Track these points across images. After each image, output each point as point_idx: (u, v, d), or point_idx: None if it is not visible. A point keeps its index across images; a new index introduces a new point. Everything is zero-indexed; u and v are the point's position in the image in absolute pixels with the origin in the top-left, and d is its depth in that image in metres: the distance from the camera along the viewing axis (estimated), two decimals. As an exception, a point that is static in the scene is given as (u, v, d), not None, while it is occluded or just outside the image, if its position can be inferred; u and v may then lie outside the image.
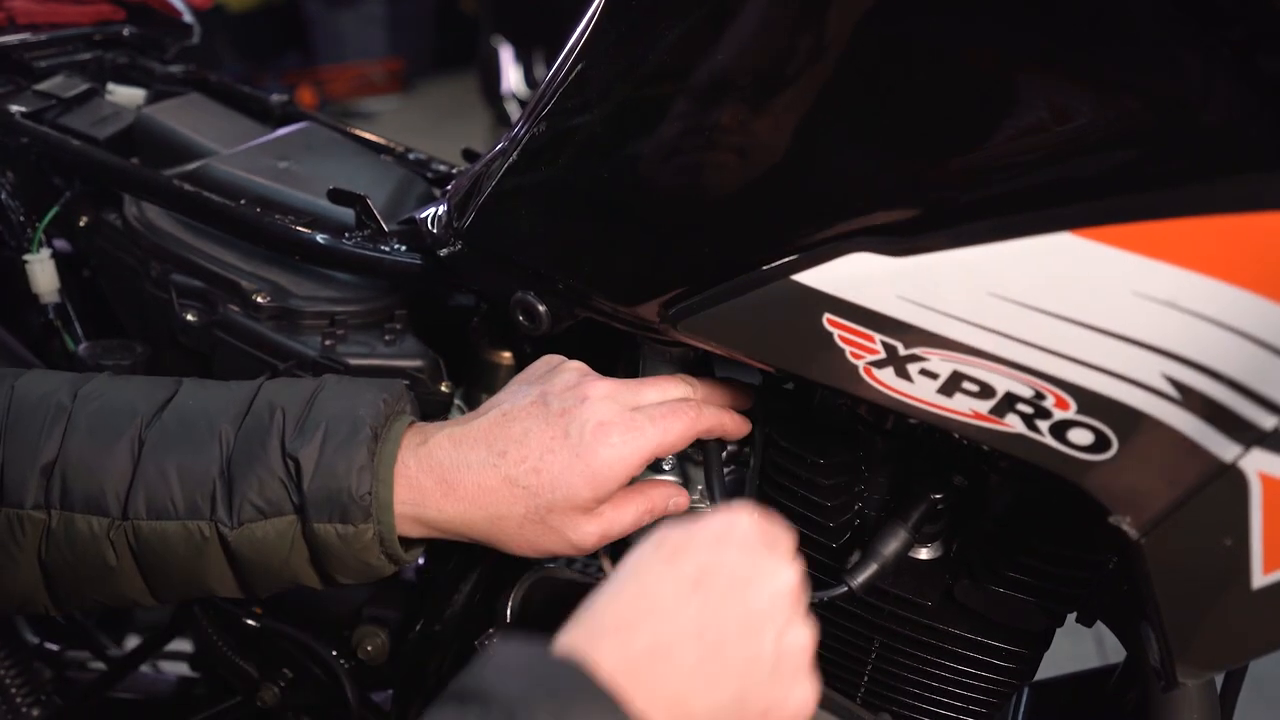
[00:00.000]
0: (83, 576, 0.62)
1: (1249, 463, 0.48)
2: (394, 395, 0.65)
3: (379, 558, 0.62)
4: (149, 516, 0.60)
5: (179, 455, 0.61)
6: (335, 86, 5.80)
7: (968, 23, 0.51)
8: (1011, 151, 0.50)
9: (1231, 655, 0.56)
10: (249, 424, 0.62)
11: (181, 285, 0.85)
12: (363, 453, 0.60)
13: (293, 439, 0.61)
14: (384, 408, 0.63)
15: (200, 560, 0.62)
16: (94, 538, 0.60)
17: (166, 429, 0.61)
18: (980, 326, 0.52)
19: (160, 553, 0.61)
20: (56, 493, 0.60)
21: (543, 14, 3.09)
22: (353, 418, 0.61)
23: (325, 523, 0.60)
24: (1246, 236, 0.46)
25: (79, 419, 0.61)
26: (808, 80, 0.54)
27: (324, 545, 0.61)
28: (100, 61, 1.13)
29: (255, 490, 0.60)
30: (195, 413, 0.62)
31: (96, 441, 0.61)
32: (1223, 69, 0.47)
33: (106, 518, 0.60)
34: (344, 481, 0.60)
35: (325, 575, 0.64)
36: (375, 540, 0.61)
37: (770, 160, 0.56)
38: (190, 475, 0.60)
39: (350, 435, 0.60)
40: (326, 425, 0.61)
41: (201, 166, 0.90)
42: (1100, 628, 0.72)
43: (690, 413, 0.64)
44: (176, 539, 0.61)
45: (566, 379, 0.65)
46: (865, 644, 0.71)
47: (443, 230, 0.73)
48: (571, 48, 0.63)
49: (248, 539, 0.61)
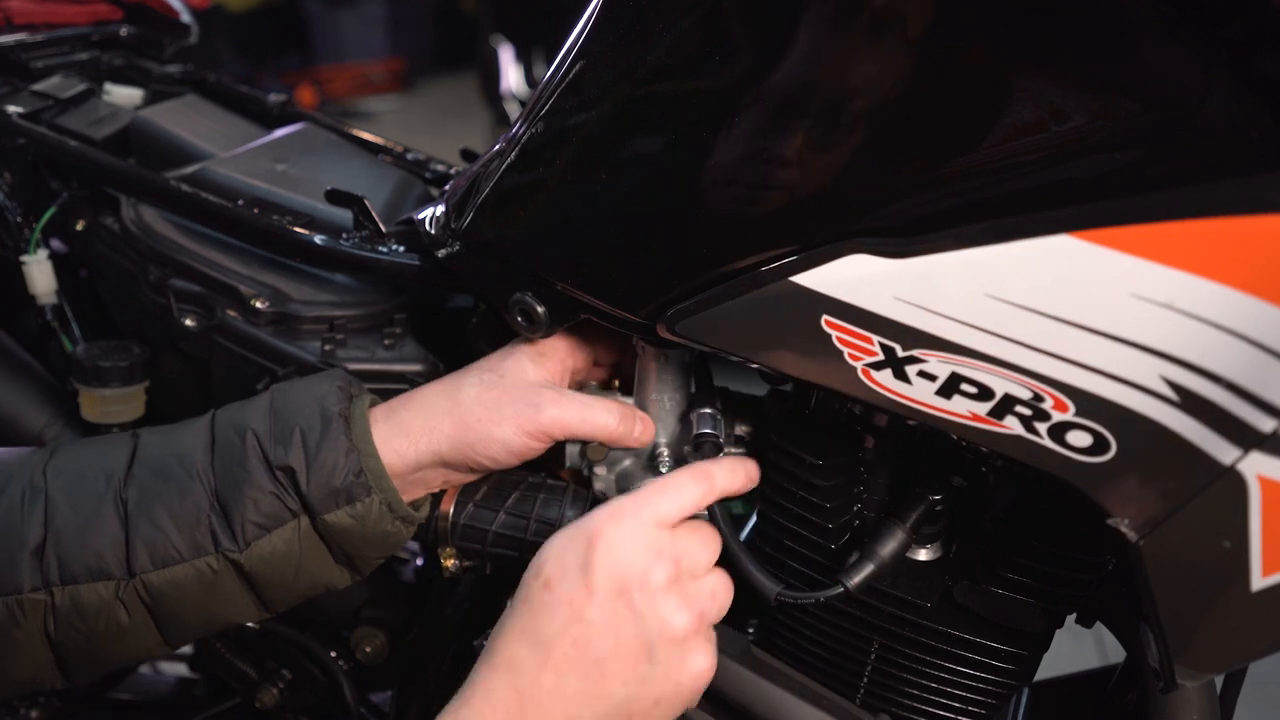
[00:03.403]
0: (96, 644, 0.64)
1: (1248, 465, 0.48)
2: (344, 380, 0.69)
3: (394, 524, 0.66)
4: (155, 567, 0.62)
5: (165, 503, 0.63)
6: (335, 86, 5.80)
7: (966, 24, 0.50)
8: (1009, 153, 0.50)
9: (1231, 657, 0.56)
10: (222, 454, 0.65)
11: (180, 290, 0.84)
12: (342, 439, 0.64)
13: (275, 452, 0.64)
14: (340, 394, 0.67)
15: (215, 594, 0.64)
16: (103, 603, 0.62)
17: (143, 484, 0.64)
18: (978, 328, 0.52)
19: (174, 598, 0.63)
20: (54, 571, 0.62)
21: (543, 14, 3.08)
22: (321, 412, 0.65)
23: (335, 510, 0.64)
24: (1245, 239, 0.46)
25: (56, 495, 0.63)
26: (806, 81, 0.54)
27: (342, 532, 0.65)
28: (97, 62, 1.13)
29: (251, 510, 0.63)
30: (164, 460, 0.65)
31: (80, 513, 0.62)
32: (1222, 70, 0.47)
33: (112, 580, 0.62)
34: (338, 469, 0.64)
35: (351, 563, 0.68)
36: (384, 508, 0.65)
37: (769, 161, 0.56)
38: (183, 518, 0.63)
39: (325, 428, 0.64)
40: (300, 429, 0.64)
41: (199, 170, 0.90)
42: (1100, 628, 0.72)
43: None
44: (188, 581, 0.63)
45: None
46: (865, 645, 0.71)
47: (441, 231, 0.72)
48: (570, 47, 0.63)
49: (259, 556, 0.64)
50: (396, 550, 0.70)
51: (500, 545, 0.73)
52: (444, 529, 0.73)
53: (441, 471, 0.68)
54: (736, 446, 0.76)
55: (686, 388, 0.75)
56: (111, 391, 0.85)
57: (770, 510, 0.71)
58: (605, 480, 0.76)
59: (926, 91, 0.52)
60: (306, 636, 0.93)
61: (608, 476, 0.76)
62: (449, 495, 0.73)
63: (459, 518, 0.73)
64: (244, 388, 0.82)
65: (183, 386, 0.89)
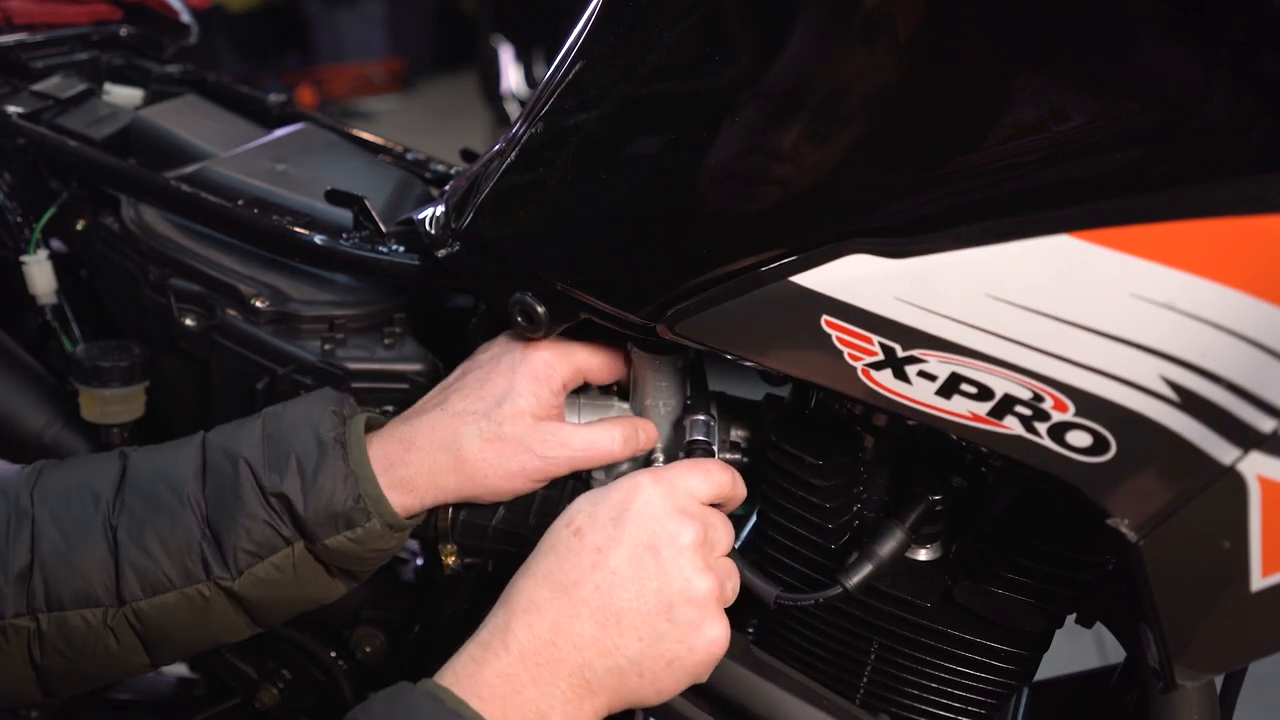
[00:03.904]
0: (82, 666, 0.64)
1: (1248, 466, 0.48)
2: (338, 402, 0.69)
3: (392, 539, 0.67)
4: (145, 595, 0.62)
5: (156, 529, 0.63)
6: (335, 86, 5.80)
7: (966, 24, 0.50)
8: (1009, 153, 0.50)
9: (1231, 657, 0.56)
10: (214, 480, 0.64)
11: (180, 290, 0.84)
12: (340, 464, 0.64)
13: (269, 479, 0.64)
14: (335, 418, 0.67)
15: (205, 619, 0.64)
16: (91, 629, 0.62)
17: (133, 510, 0.63)
18: (978, 328, 0.52)
19: (164, 624, 0.63)
20: (40, 597, 0.61)
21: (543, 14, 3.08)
22: (317, 438, 0.65)
23: (335, 535, 0.64)
24: (1245, 239, 0.46)
25: (42, 519, 0.62)
26: (806, 81, 0.54)
27: (342, 554, 0.65)
28: (97, 62, 1.13)
29: (244, 538, 0.63)
30: (155, 485, 0.64)
31: (68, 538, 0.62)
32: (1222, 70, 0.47)
33: (100, 608, 0.62)
34: (336, 495, 0.64)
35: (349, 575, 0.69)
36: (384, 528, 0.65)
37: (769, 161, 0.56)
38: (174, 545, 0.63)
39: (322, 454, 0.64)
40: (297, 456, 0.64)
41: (199, 170, 0.90)
42: (1100, 628, 0.72)
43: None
44: (178, 607, 0.63)
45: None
46: (864, 645, 0.71)
47: (440, 231, 0.72)
48: (570, 47, 0.63)
49: (252, 582, 0.64)
50: (390, 557, 0.70)
51: (501, 541, 0.73)
52: (444, 526, 0.73)
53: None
54: (731, 452, 0.76)
55: (681, 393, 0.74)
56: (111, 391, 0.85)
57: (770, 510, 0.71)
58: (601, 484, 0.76)
59: (926, 91, 0.52)
60: (306, 636, 0.93)
61: (605, 480, 0.76)
62: None
63: (459, 514, 0.73)
64: (244, 387, 0.82)
65: (183, 386, 0.88)
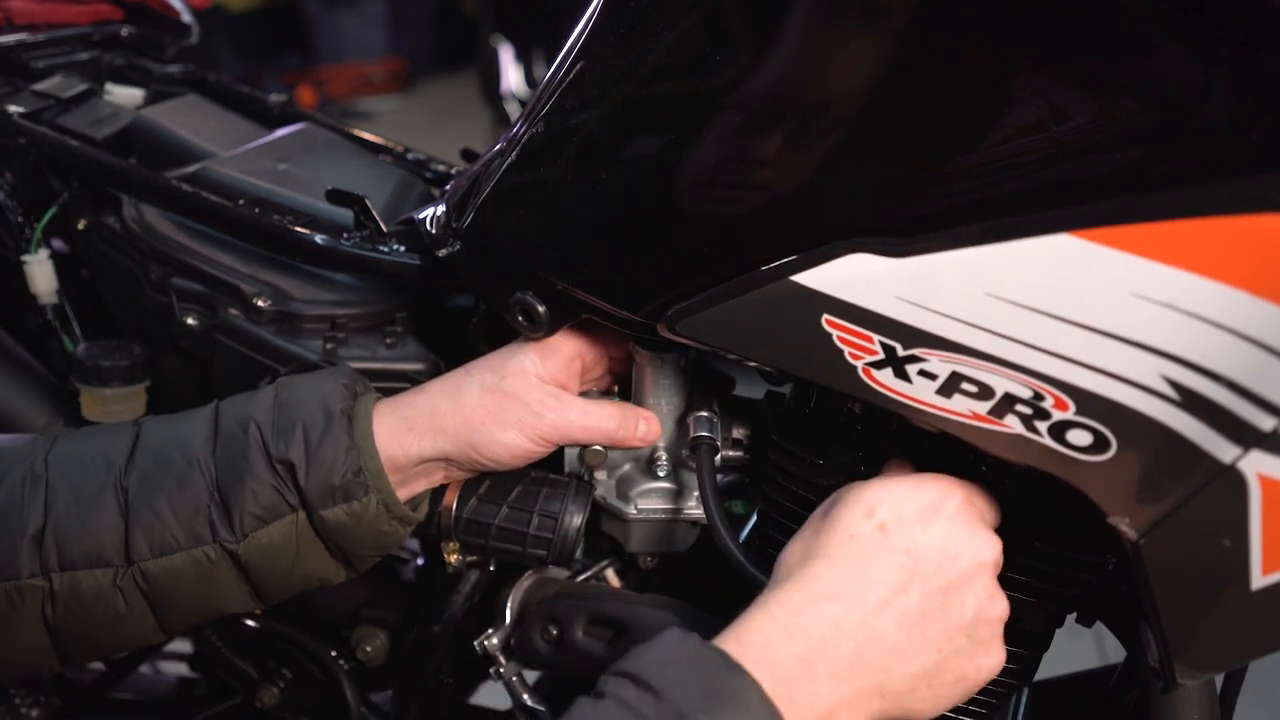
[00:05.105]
0: (93, 629, 0.64)
1: (1248, 464, 0.48)
2: (350, 378, 0.69)
3: (390, 524, 0.67)
4: (153, 555, 0.63)
5: (166, 493, 0.63)
6: (335, 86, 5.80)
7: (966, 24, 0.51)
8: (1010, 153, 0.50)
9: (1231, 656, 0.56)
10: (224, 444, 0.65)
11: (181, 289, 0.84)
12: (344, 436, 0.64)
13: (276, 445, 0.64)
14: (345, 391, 0.67)
15: (211, 583, 0.65)
16: (101, 590, 0.63)
17: (145, 473, 0.64)
18: (979, 327, 0.52)
19: (171, 586, 0.64)
20: (53, 558, 0.62)
21: (543, 14, 3.08)
22: (324, 409, 0.65)
23: (332, 507, 0.64)
24: (1245, 238, 0.46)
25: (56, 482, 0.63)
26: (806, 81, 0.54)
27: (338, 528, 0.65)
28: (98, 62, 1.13)
29: (251, 501, 0.63)
30: (166, 450, 0.65)
31: (81, 500, 0.63)
32: (1221, 70, 0.47)
33: (110, 568, 0.63)
34: (336, 466, 0.64)
35: (346, 559, 0.68)
36: (381, 508, 0.65)
37: (769, 161, 0.56)
38: (183, 508, 0.63)
39: (327, 424, 0.65)
40: (303, 424, 0.65)
41: (200, 169, 0.90)
42: (1100, 628, 0.72)
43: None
44: (185, 570, 0.64)
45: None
46: (864, 645, 0.70)
47: (441, 230, 0.73)
48: (571, 47, 0.63)
49: (255, 548, 0.64)
50: (392, 549, 0.70)
51: (503, 540, 0.73)
52: (447, 524, 0.73)
53: (444, 467, 0.69)
54: (734, 450, 0.76)
55: (684, 392, 0.74)
56: (112, 391, 0.85)
57: (770, 510, 0.71)
58: (605, 485, 0.76)
59: (926, 91, 0.52)
60: (307, 636, 0.93)
61: (608, 481, 0.76)
62: (452, 490, 0.74)
63: (462, 512, 0.73)
64: (245, 387, 0.81)
65: (184, 386, 0.89)
